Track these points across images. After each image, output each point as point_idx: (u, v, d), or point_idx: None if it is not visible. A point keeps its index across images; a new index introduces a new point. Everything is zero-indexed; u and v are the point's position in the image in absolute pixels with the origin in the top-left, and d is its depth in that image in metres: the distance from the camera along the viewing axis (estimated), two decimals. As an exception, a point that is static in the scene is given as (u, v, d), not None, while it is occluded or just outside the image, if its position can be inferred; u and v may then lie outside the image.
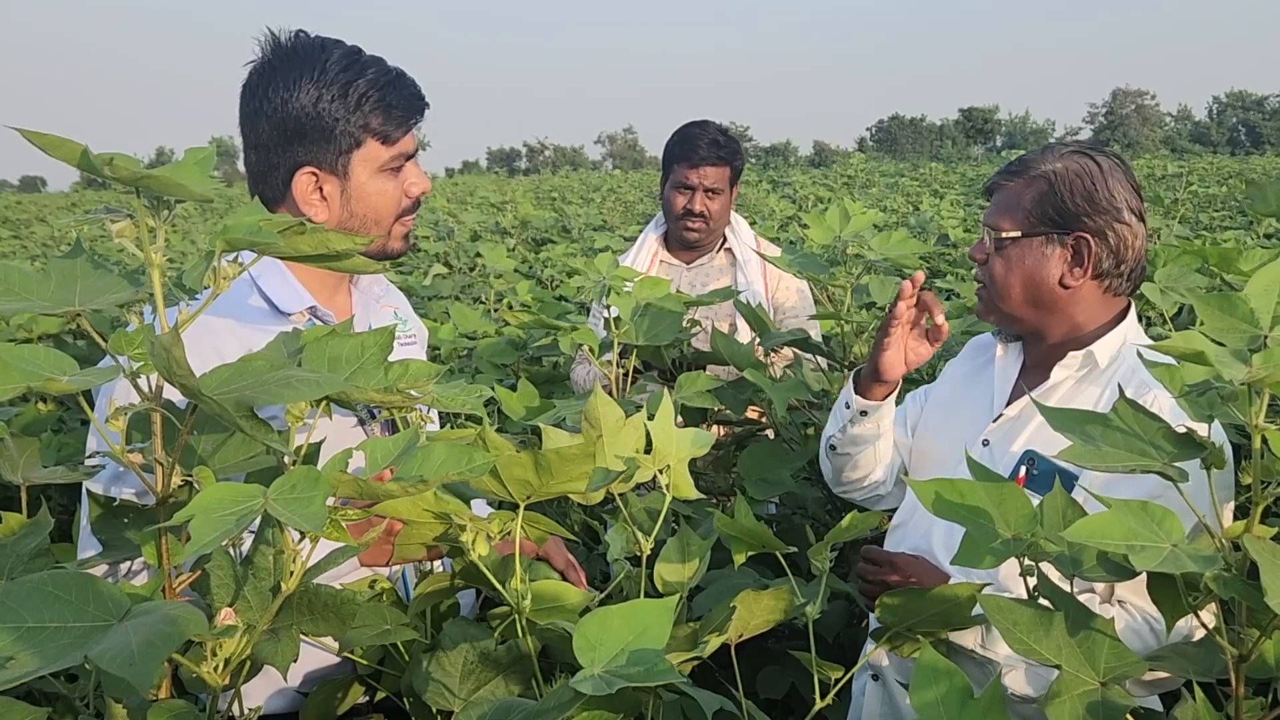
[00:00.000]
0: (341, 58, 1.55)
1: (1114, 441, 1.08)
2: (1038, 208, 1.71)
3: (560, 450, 1.10)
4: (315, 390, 0.91)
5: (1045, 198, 1.71)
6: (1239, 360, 0.96)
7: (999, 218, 1.76)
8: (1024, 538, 1.11)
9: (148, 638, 0.77)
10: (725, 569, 1.84)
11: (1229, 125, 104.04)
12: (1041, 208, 1.71)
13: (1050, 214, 1.71)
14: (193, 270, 1.00)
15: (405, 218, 1.66)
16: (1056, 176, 1.71)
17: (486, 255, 5.43)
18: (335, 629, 1.04)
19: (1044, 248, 1.72)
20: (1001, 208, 1.76)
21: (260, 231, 0.96)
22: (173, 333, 0.86)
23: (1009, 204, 1.75)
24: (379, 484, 0.95)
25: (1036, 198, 1.72)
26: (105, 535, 1.20)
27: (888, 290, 2.53)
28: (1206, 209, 12.50)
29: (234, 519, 0.80)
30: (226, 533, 0.79)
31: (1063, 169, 1.71)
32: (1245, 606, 1.07)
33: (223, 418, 0.87)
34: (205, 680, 0.95)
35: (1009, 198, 1.76)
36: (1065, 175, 1.71)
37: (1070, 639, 1.11)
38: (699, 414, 2.35)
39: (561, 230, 11.89)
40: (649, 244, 3.23)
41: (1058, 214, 1.70)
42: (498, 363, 3.80)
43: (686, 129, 3.15)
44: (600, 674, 0.88)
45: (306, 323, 1.59)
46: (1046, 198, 1.71)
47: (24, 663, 0.80)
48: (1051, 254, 1.71)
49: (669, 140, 3.18)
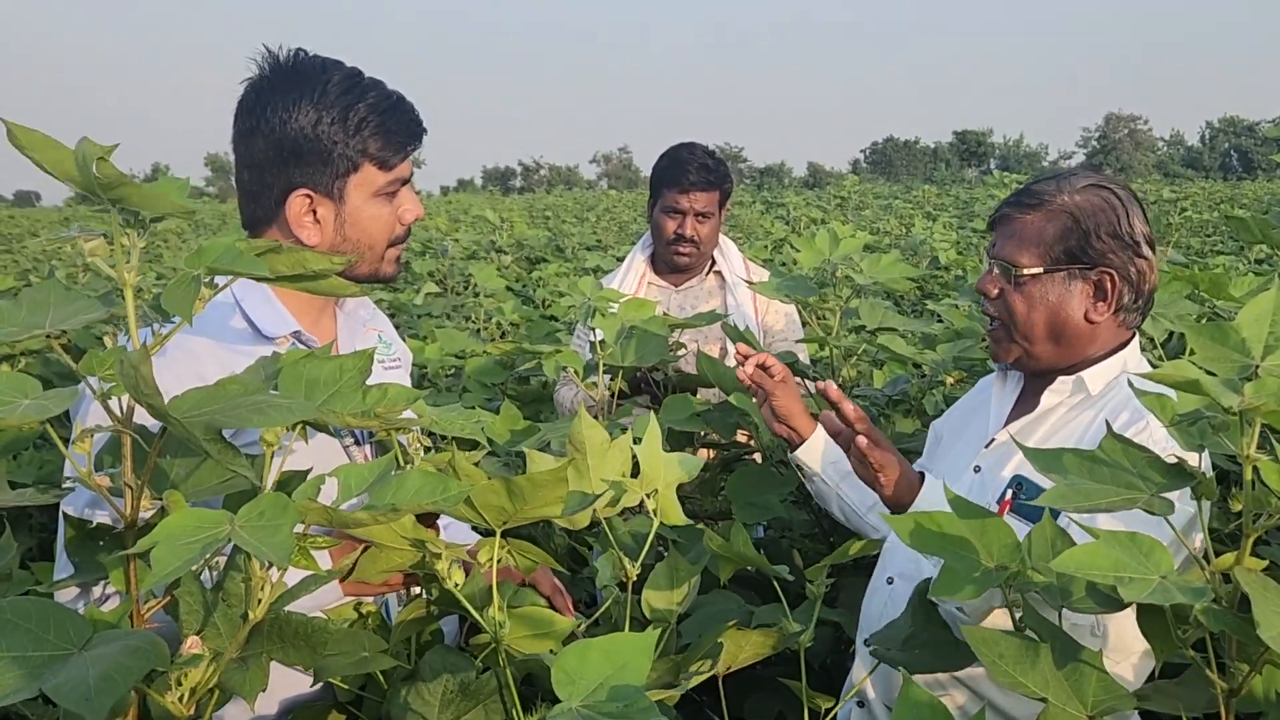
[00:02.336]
0: (342, 80, 1.53)
1: (1100, 477, 1.06)
2: (1061, 243, 1.67)
3: (533, 476, 1.08)
4: (288, 416, 0.89)
5: (1070, 233, 1.66)
6: (1231, 389, 0.95)
7: (1015, 252, 1.70)
8: (1007, 567, 1.10)
9: (105, 670, 0.75)
10: (712, 593, 1.82)
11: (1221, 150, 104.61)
12: (1065, 243, 1.66)
13: (1075, 250, 1.66)
14: (171, 292, 0.98)
15: (397, 245, 1.64)
16: (1082, 213, 1.66)
17: (477, 275, 5.42)
18: (306, 658, 1.02)
19: (1066, 284, 1.67)
20: (1018, 241, 1.70)
21: (239, 256, 0.95)
22: (141, 350, 0.84)
23: (1027, 238, 1.69)
24: (349, 513, 0.93)
25: (1059, 233, 1.67)
26: (79, 558, 1.18)
27: (877, 314, 2.52)
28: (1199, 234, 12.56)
29: (199, 546, 0.78)
30: (190, 561, 0.77)
31: (1085, 204, 1.67)
32: (1235, 640, 1.05)
33: (190, 441, 0.85)
34: (170, 711, 0.93)
35: (1027, 231, 1.70)
36: (1090, 211, 1.66)
37: (1057, 671, 1.09)
38: (685, 437, 2.34)
39: (555, 249, 11.89)
40: (636, 265, 3.20)
41: (1082, 251, 1.66)
42: (486, 382, 3.78)
43: (675, 152, 3.11)
44: (578, 708, 0.86)
45: (290, 346, 1.57)
46: (1071, 233, 1.66)
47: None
48: (1074, 289, 1.67)
49: (657, 163, 3.15)
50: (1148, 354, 1.91)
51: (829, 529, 2.44)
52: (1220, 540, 1.89)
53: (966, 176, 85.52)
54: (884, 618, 1.78)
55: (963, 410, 1.98)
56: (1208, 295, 2.20)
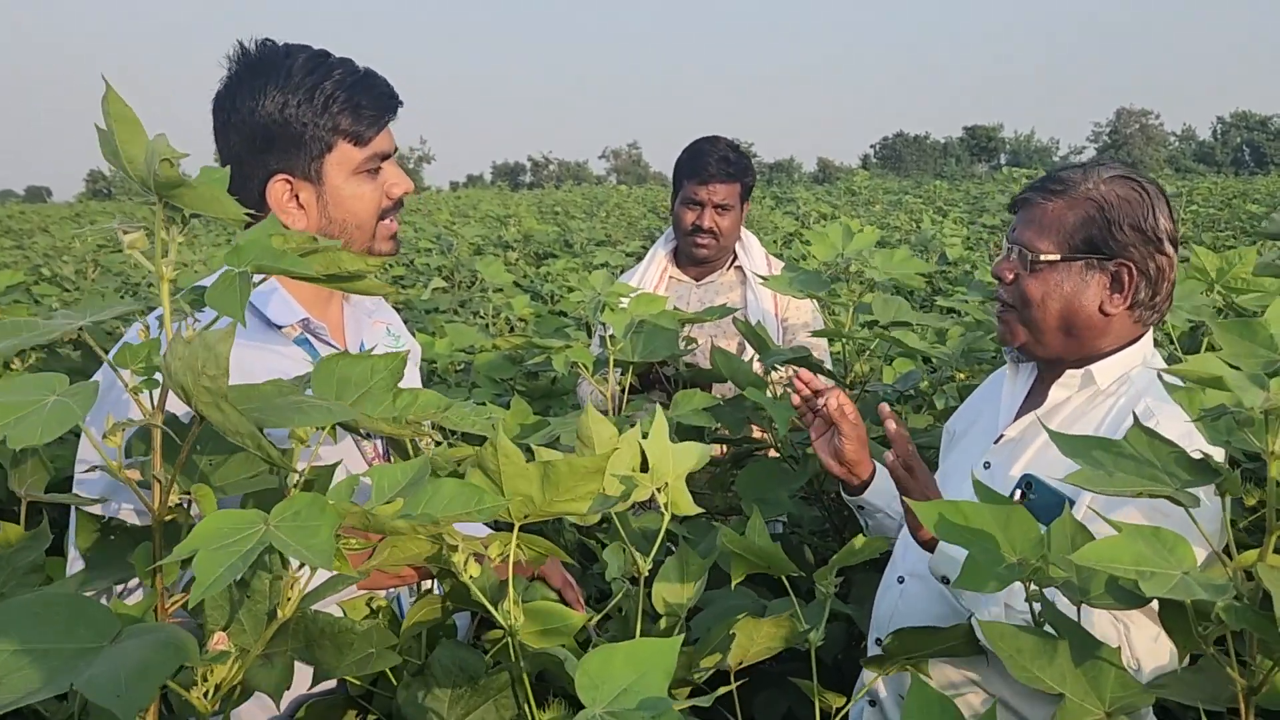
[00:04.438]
0: (306, 61, 1.53)
1: (1124, 467, 1.05)
2: (1082, 231, 1.65)
3: (572, 461, 1.06)
4: (327, 417, 0.89)
5: (1092, 222, 1.64)
6: (1256, 385, 0.94)
7: (1035, 237, 1.68)
8: (1030, 561, 1.08)
9: (138, 665, 0.74)
10: (722, 588, 1.81)
11: (1233, 145, 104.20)
12: (1087, 232, 1.64)
13: (1095, 240, 1.64)
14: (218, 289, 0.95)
15: (388, 219, 1.62)
16: (1106, 203, 1.64)
17: (484, 270, 5.40)
18: (331, 657, 1.01)
19: (1084, 273, 1.65)
20: (1038, 227, 1.68)
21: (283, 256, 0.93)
22: (227, 330, 0.83)
23: (1048, 224, 1.67)
24: (389, 521, 0.91)
25: (1081, 221, 1.65)
26: (92, 554, 1.17)
27: (891, 308, 2.51)
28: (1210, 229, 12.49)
29: (239, 552, 0.76)
30: (234, 569, 0.75)
31: (1111, 195, 1.65)
32: (1256, 637, 1.04)
33: (234, 432, 0.84)
34: (194, 706, 0.92)
35: (1048, 217, 1.67)
36: (1115, 202, 1.64)
37: (1075, 667, 1.08)
38: (696, 432, 2.33)
39: (564, 245, 11.88)
40: (658, 260, 3.21)
41: (1103, 241, 1.64)
42: (495, 377, 3.77)
43: (697, 145, 3.13)
44: (602, 714, 0.85)
45: (298, 336, 1.56)
46: (1094, 222, 1.64)
47: (11, 687, 0.76)
48: (1091, 280, 1.65)
49: (679, 156, 3.16)
50: (1162, 349, 1.89)
51: (840, 525, 2.43)
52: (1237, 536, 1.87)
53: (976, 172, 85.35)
54: (895, 616, 1.77)
55: (974, 404, 1.97)
56: (1216, 279, 2.19)
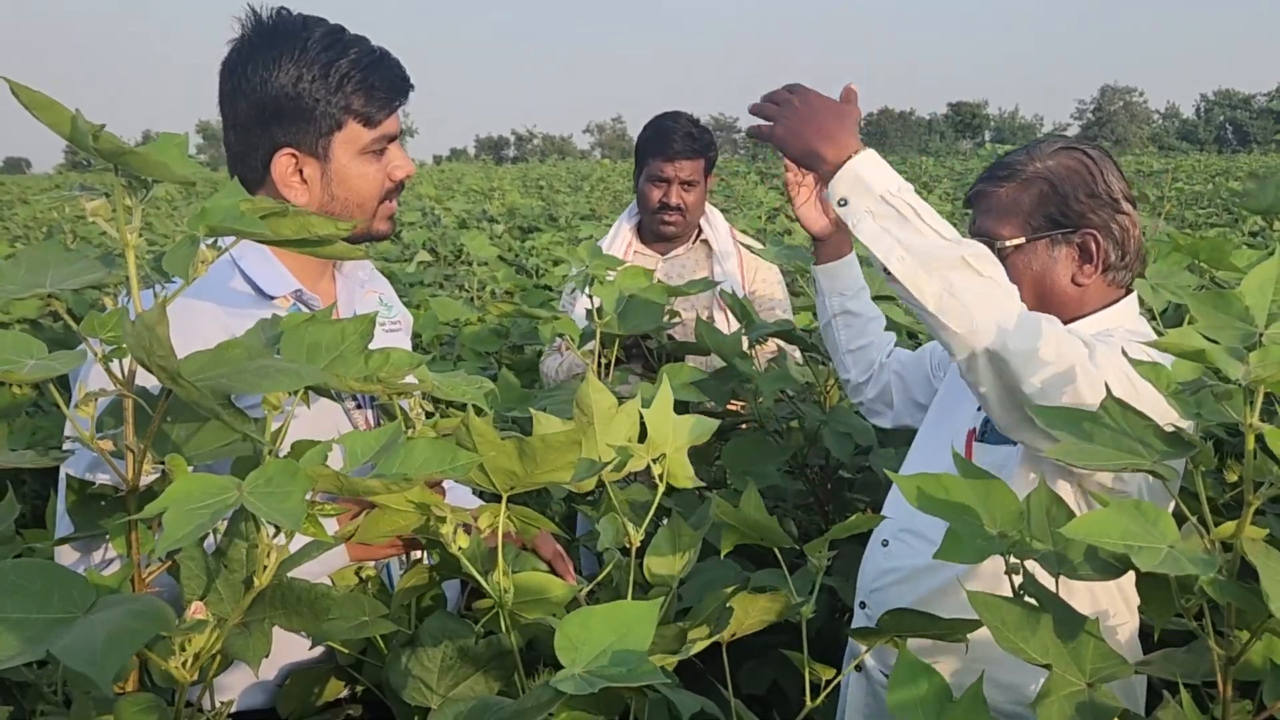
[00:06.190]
0: (323, 36, 1.51)
1: (1102, 439, 1.06)
2: (1040, 210, 1.66)
3: (546, 437, 1.07)
4: (294, 381, 0.89)
5: (1047, 199, 1.65)
6: (1234, 358, 0.95)
7: (995, 225, 1.69)
8: (1010, 534, 1.10)
9: (112, 634, 0.74)
10: (709, 560, 1.82)
11: (1216, 123, 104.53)
12: (1044, 209, 1.66)
13: (1054, 215, 1.65)
14: (173, 253, 0.97)
15: (388, 201, 1.63)
16: (1056, 177, 1.65)
17: (469, 243, 5.40)
18: (309, 624, 1.02)
19: (1050, 250, 1.66)
20: (997, 214, 1.69)
21: (242, 217, 0.94)
22: (158, 308, 0.83)
23: (1005, 209, 1.68)
24: (360, 480, 0.92)
25: (1037, 200, 1.66)
26: (81, 519, 1.18)
27: (874, 284, 2.51)
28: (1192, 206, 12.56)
29: (208, 512, 0.77)
30: (201, 527, 0.76)
31: (1059, 167, 1.66)
32: (1234, 609, 1.06)
33: (197, 404, 0.84)
34: (173, 675, 0.93)
35: (1004, 203, 1.69)
36: (1065, 174, 1.65)
37: (1056, 639, 1.09)
38: (681, 406, 2.34)
39: (549, 219, 11.85)
40: (623, 234, 3.21)
41: (1062, 214, 1.65)
42: (480, 350, 3.77)
43: (659, 121, 3.13)
44: (582, 674, 0.86)
45: (291, 307, 1.55)
46: (1049, 199, 1.65)
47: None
48: (1059, 255, 1.66)
49: (642, 133, 3.17)
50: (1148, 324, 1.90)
51: (824, 499, 2.45)
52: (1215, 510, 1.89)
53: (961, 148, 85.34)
54: (880, 580, 1.79)
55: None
56: (1207, 264, 2.19)
